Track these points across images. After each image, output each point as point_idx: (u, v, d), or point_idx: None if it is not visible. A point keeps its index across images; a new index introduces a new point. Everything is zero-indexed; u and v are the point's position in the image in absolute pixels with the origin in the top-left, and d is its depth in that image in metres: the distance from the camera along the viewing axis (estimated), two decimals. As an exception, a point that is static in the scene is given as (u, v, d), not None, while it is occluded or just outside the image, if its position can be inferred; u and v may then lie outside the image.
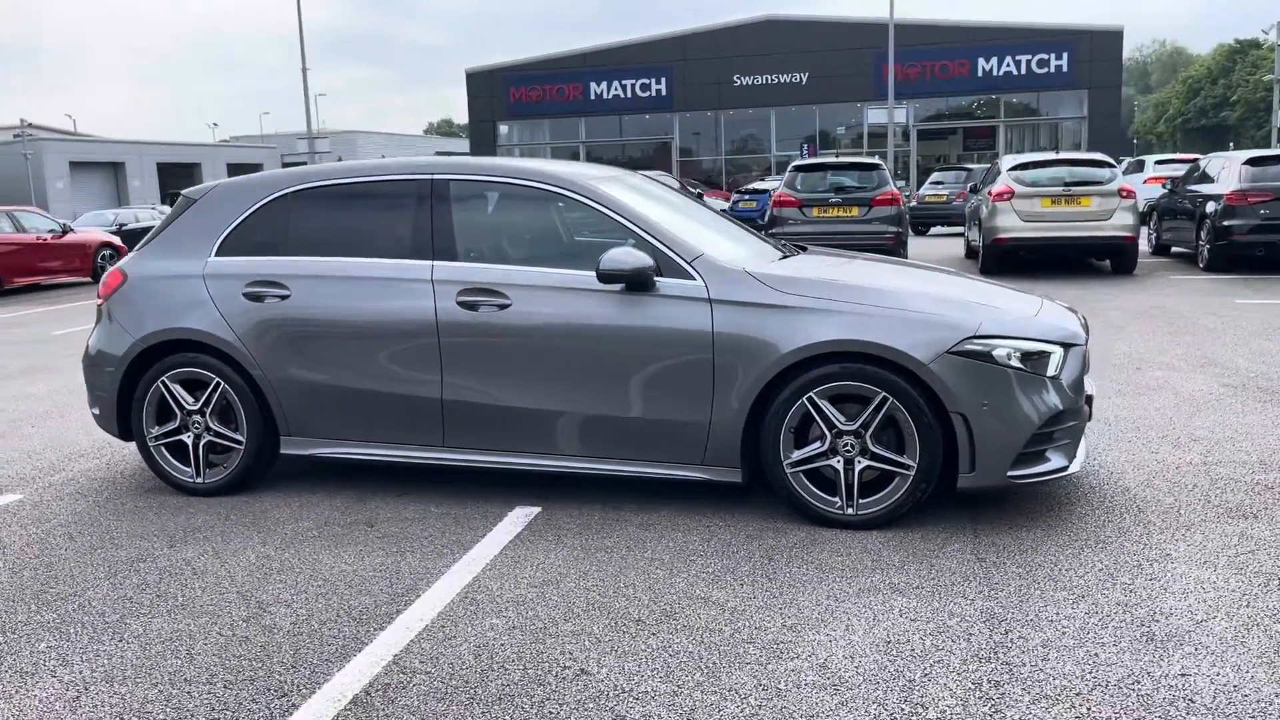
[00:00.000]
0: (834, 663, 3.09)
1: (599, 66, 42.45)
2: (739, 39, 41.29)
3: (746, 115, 42.67)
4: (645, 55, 42.16)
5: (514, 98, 43.32)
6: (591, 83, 42.54)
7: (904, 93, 39.49)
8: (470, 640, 3.29)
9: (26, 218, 18.38)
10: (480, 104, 43.95)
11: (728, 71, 41.57)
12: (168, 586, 3.81)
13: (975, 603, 3.48)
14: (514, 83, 43.22)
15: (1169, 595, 3.49)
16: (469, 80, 43.90)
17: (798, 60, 40.88)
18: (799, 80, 41.21)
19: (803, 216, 13.51)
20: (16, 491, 5.11)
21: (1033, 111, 41.69)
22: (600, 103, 42.75)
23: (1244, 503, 4.38)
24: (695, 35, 41.85)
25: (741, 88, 41.86)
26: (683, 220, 4.86)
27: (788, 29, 40.86)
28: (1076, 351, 4.28)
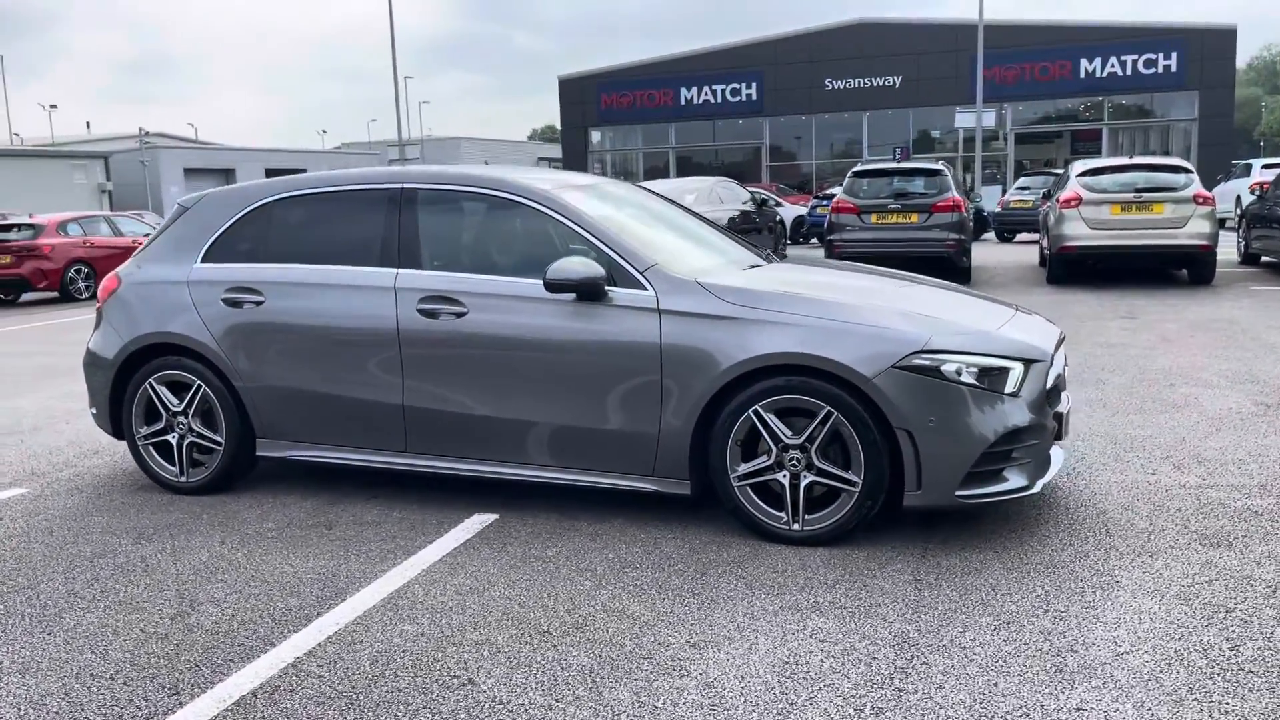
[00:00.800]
0: (722, 682, 3.04)
1: (690, 72, 42.45)
2: (831, 42, 40.81)
3: (839, 119, 42.16)
4: (736, 60, 42.00)
5: (605, 104, 43.61)
6: (682, 88, 42.57)
7: (1001, 95, 38.50)
8: (374, 646, 3.34)
9: (123, 222, 19.27)
10: (572, 110, 44.38)
11: (819, 75, 41.13)
12: (115, 582, 3.95)
13: (893, 625, 3.38)
14: (606, 89, 43.52)
15: (1099, 625, 3.34)
16: (561, 87, 44.36)
17: (891, 63, 40.21)
18: (892, 84, 40.52)
19: (861, 223, 13.29)
20: (24, 486, 5.36)
21: (1142, 113, 40.22)
22: (690, 108, 42.73)
23: (1224, 529, 4.16)
24: (787, 39, 41.52)
25: (833, 91, 41.36)
26: (649, 230, 4.84)
27: (881, 31, 40.23)
28: (1039, 368, 4.13)
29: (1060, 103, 40.75)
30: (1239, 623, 3.33)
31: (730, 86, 42.31)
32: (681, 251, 4.74)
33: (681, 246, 4.85)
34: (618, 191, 5.27)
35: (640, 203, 5.28)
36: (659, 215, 5.25)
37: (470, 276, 4.50)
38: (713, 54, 42.53)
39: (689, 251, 4.80)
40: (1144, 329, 9.41)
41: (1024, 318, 4.61)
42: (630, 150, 45.24)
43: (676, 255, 4.62)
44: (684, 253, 4.73)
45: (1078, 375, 7.32)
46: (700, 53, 42.60)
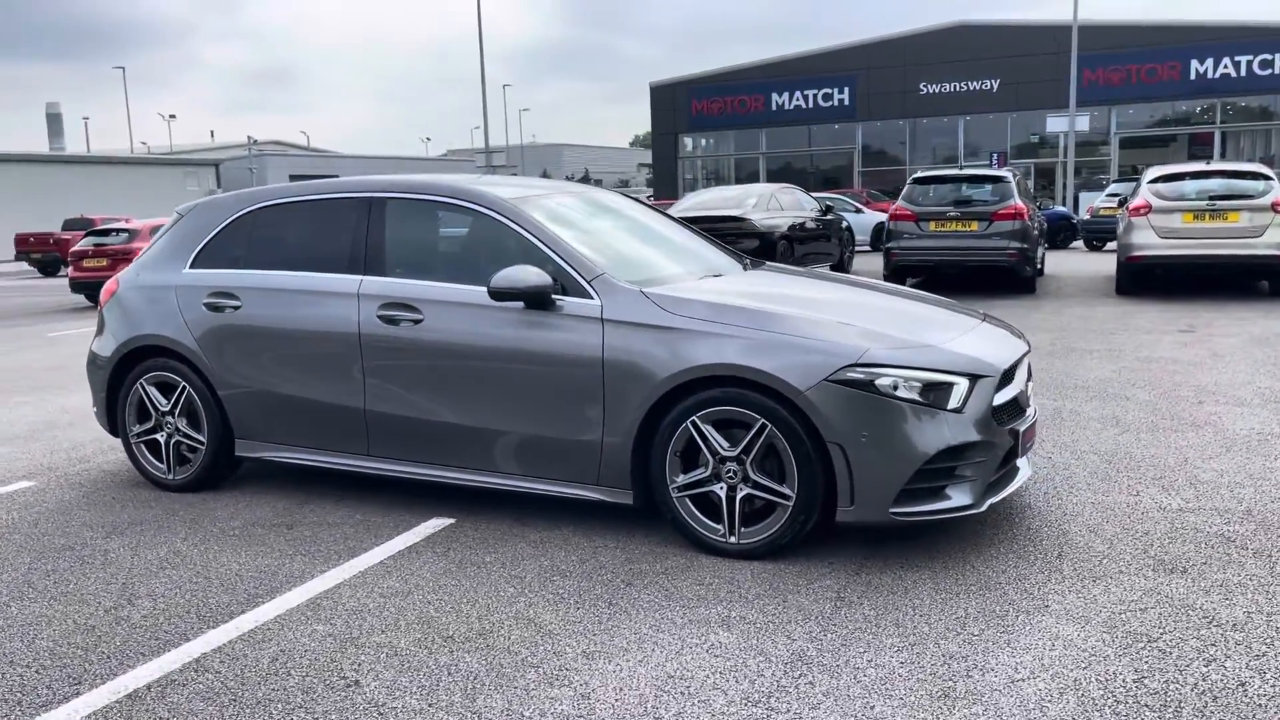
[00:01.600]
0: (598, 695, 3.03)
1: (782, 77, 42.16)
2: (927, 45, 40.07)
3: (935, 124, 41.35)
4: (829, 64, 41.55)
5: (696, 110, 43.62)
6: (773, 93, 42.30)
7: (1107, 98, 37.28)
8: (280, 645, 3.43)
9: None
10: (663, 117, 44.50)
11: (914, 79, 40.42)
12: (70, 574, 4.14)
13: (795, 643, 3.33)
14: (697, 95, 43.53)
15: (1006, 650, 3.23)
16: (653, 93, 44.53)
17: (989, 66, 39.27)
18: (990, 87, 39.57)
19: (919, 230, 13.03)
20: (35, 479, 5.64)
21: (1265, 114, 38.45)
22: (782, 113, 42.44)
23: (1186, 555, 3.98)
24: (881, 43, 40.90)
25: (929, 96, 40.59)
26: (610, 240, 4.85)
27: (978, 34, 39.33)
28: (985, 383, 4.01)
29: (1170, 105, 39.21)
30: (1157, 653, 3.18)
31: (823, 91, 41.89)
32: (641, 261, 4.74)
33: (645, 256, 4.85)
34: (599, 200, 5.30)
35: (618, 213, 5.30)
36: (636, 226, 5.26)
37: (427, 284, 4.58)
38: (805, 59, 42.18)
39: (651, 261, 4.80)
40: (1198, 343, 9.01)
41: (988, 329, 4.49)
42: (721, 156, 45.15)
43: (634, 265, 4.63)
44: (643, 262, 4.73)
45: (1104, 390, 7.07)
46: (792, 57, 42.30)
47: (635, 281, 4.36)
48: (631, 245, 4.94)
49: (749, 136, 43.81)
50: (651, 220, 5.45)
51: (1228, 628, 3.35)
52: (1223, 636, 3.29)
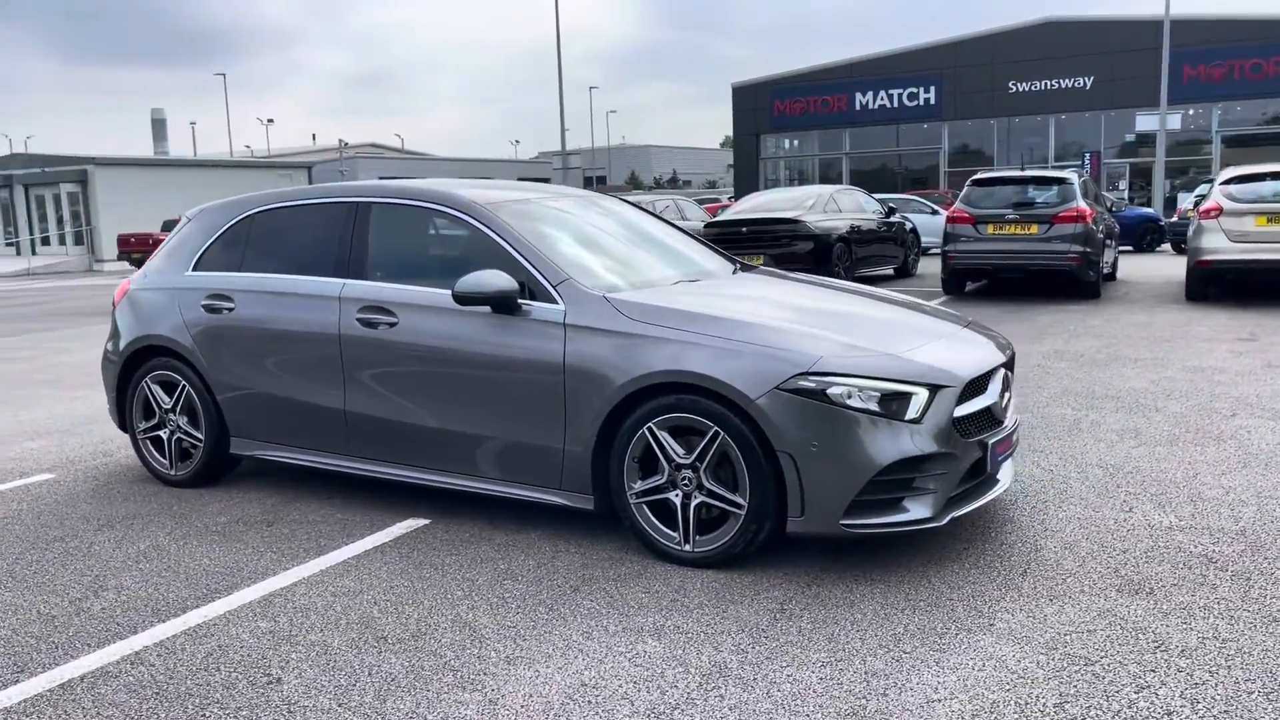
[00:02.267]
0: (506, 701, 3.04)
1: (865, 76, 41.59)
2: (1016, 43, 39.10)
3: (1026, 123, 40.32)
4: (914, 63, 40.84)
5: (778, 110, 43.29)
6: (857, 93, 41.75)
7: (1206, 94, 35.92)
8: (219, 640, 3.51)
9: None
10: (745, 118, 44.27)
11: (1003, 78, 39.48)
12: (50, 565, 4.30)
13: (721, 654, 3.29)
14: (779, 95, 43.20)
15: (933, 670, 3.15)
16: (735, 94, 44.33)
17: (1081, 63, 38.15)
18: (1082, 85, 38.44)
19: (976, 234, 12.73)
20: (54, 472, 5.89)
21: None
22: (865, 113, 41.85)
23: (1157, 575, 3.82)
24: (969, 41, 40.04)
25: (1017, 94, 39.60)
26: (583, 245, 4.85)
27: (1070, 30, 38.23)
28: (947, 394, 3.90)
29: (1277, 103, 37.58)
30: (1090, 677, 3.06)
31: (908, 91, 41.20)
32: (616, 267, 4.73)
33: (622, 261, 4.84)
34: (589, 205, 5.32)
35: (607, 218, 5.30)
36: (623, 231, 5.25)
37: (402, 287, 4.64)
38: (890, 58, 41.54)
39: (628, 267, 4.79)
40: (1255, 353, 8.62)
41: (967, 336, 4.38)
42: (804, 157, 44.74)
43: (607, 270, 4.62)
44: (618, 268, 4.72)
45: (1135, 401, 6.82)
46: (876, 57, 41.70)
47: (603, 287, 4.36)
48: (610, 250, 4.93)
49: (832, 137, 43.33)
50: (642, 226, 5.44)
51: (1175, 653, 3.21)
52: (1166, 662, 3.15)
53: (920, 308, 4.82)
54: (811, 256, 13.71)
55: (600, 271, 4.55)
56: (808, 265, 13.76)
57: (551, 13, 29.87)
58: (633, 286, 4.47)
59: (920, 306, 4.87)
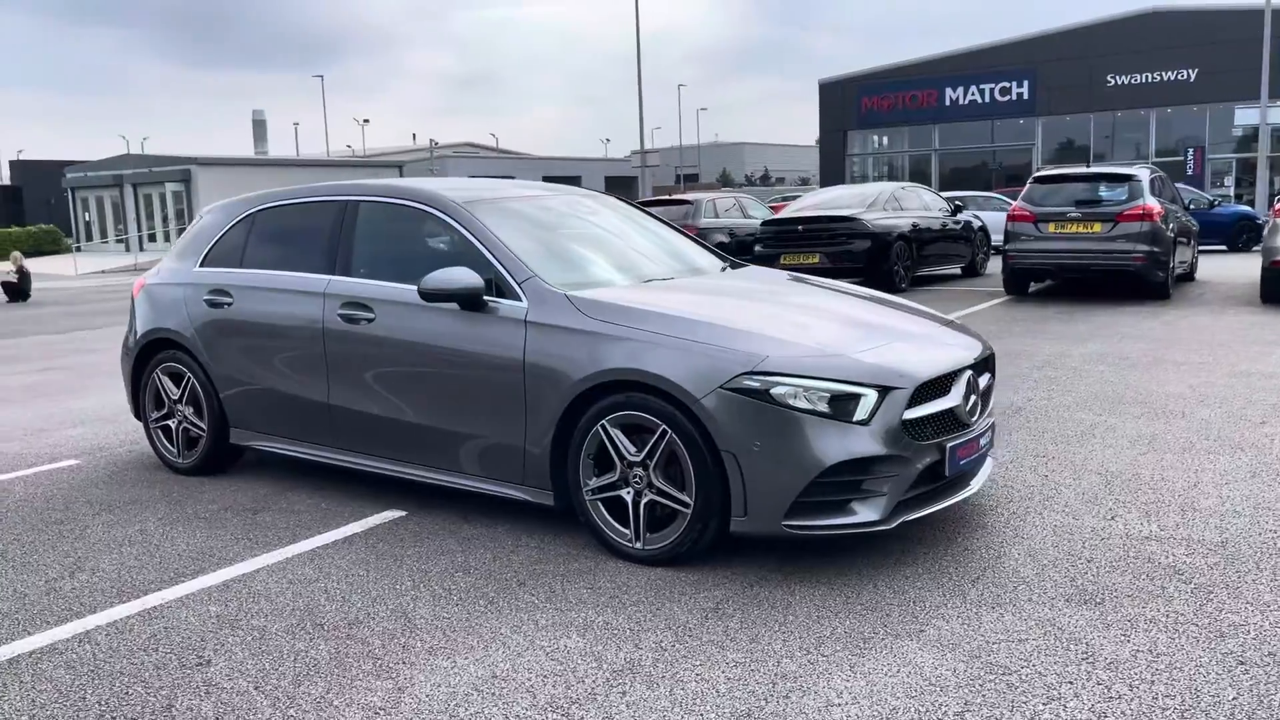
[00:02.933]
0: (415, 689, 3.10)
1: (956, 72, 40.72)
2: (1115, 34, 37.84)
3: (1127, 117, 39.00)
4: (1006, 58, 39.84)
5: (865, 107, 42.69)
6: (947, 88, 40.91)
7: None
8: (166, 623, 3.65)
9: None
10: (832, 115, 43.76)
11: (1101, 71, 38.26)
12: (41, 546, 4.52)
13: (639, 652, 3.30)
14: (866, 91, 42.59)
15: (844, 675, 3.11)
16: (821, 91, 43.86)
17: (1184, 55, 36.74)
18: (1186, 77, 37.02)
19: (1037, 232, 12.39)
20: (81, 458, 6.18)
21: None
22: (955, 109, 40.99)
23: (1114, 586, 3.71)
24: (1065, 33, 38.90)
25: (1116, 88, 38.34)
26: (555, 244, 4.90)
27: (1173, 21, 36.84)
28: (898, 395, 3.84)
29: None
30: (1003, 687, 3.00)
31: (999, 85, 40.23)
32: (588, 265, 4.76)
33: (597, 260, 4.86)
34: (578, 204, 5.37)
35: (596, 216, 5.33)
36: (610, 230, 5.28)
37: (379, 284, 4.75)
38: (981, 52, 40.63)
39: (601, 265, 4.81)
40: (1314, 357, 8.23)
41: (934, 337, 4.30)
42: (891, 154, 44.03)
43: (577, 268, 4.65)
44: (590, 266, 4.75)
45: (1164, 406, 6.58)
46: (966, 51, 40.81)
47: (567, 285, 4.39)
48: (586, 249, 4.97)
49: (921, 133, 42.55)
50: (629, 225, 5.46)
51: (1101, 665, 3.11)
52: (1088, 674, 3.06)
53: (900, 307, 4.75)
54: (868, 255, 13.52)
55: (567, 270, 4.58)
56: (865, 264, 13.58)
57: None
58: (602, 285, 4.50)
59: (900, 306, 4.80)
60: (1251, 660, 3.12)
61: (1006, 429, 6.08)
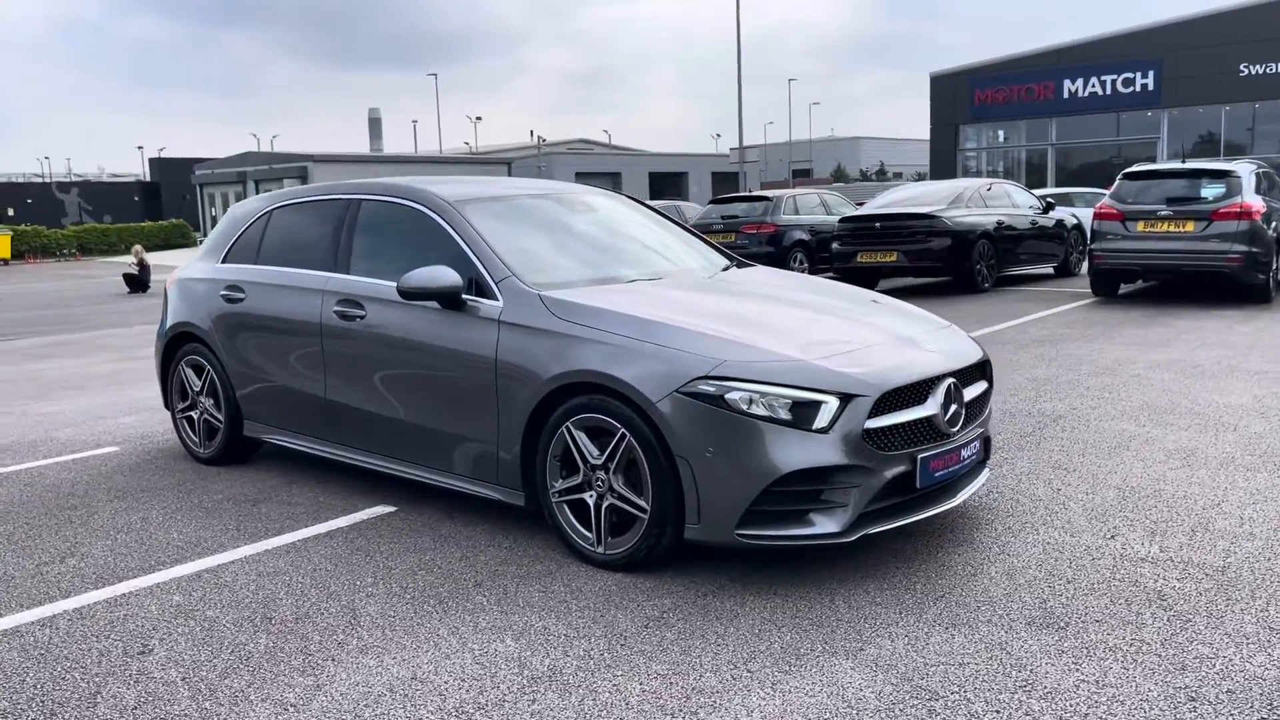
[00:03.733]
0: (330, 687, 3.11)
1: (1075, 63, 39.18)
2: (1249, 21, 35.81)
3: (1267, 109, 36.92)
4: (1130, 47, 38.12)
5: (978, 100, 41.40)
6: (1065, 80, 39.36)
7: None
8: (128, 610, 3.75)
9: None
10: (943, 108, 42.58)
11: (1232, 60, 36.27)
12: (47, 531, 4.70)
13: (566, 659, 3.25)
14: (980, 84, 41.31)
15: (763, 692, 3.01)
16: (933, 84, 42.72)
17: (1325, 43, 34.58)
18: (1327, 66, 34.83)
19: (1125, 231, 11.81)
20: (119, 445, 6.43)
21: None
22: (1074, 101, 39.41)
23: (1086, 610, 3.50)
24: (1195, 21, 37.01)
25: (1251, 78, 36.29)
26: (552, 242, 4.87)
27: (1313, 6, 34.69)
28: (861, 404, 3.70)
29: None
30: (923, 713, 2.86)
31: (1122, 77, 38.52)
32: (570, 265, 4.70)
33: (581, 260, 4.81)
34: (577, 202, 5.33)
35: (584, 214, 5.28)
36: (597, 229, 5.22)
37: (370, 281, 4.80)
38: (1102, 42, 38.98)
39: (585, 265, 4.75)
40: (1407, 367, 7.65)
41: (913, 341, 4.13)
42: (1005, 148, 42.65)
43: (558, 269, 4.61)
44: (572, 266, 4.69)
45: (1216, 418, 6.20)
46: (1087, 41, 39.23)
47: (547, 285, 4.36)
48: (572, 249, 4.92)
49: (1037, 127, 41.08)
50: (625, 224, 5.40)
51: (1037, 694, 2.94)
52: (1019, 703, 2.89)
53: (893, 311, 4.60)
54: (948, 254, 13.12)
55: (549, 270, 4.55)
56: (943, 263, 13.19)
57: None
58: (581, 284, 4.45)
59: (893, 310, 4.64)
60: (1204, 696, 2.91)
61: (1037, 439, 5.81)
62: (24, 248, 42.71)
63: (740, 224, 15.70)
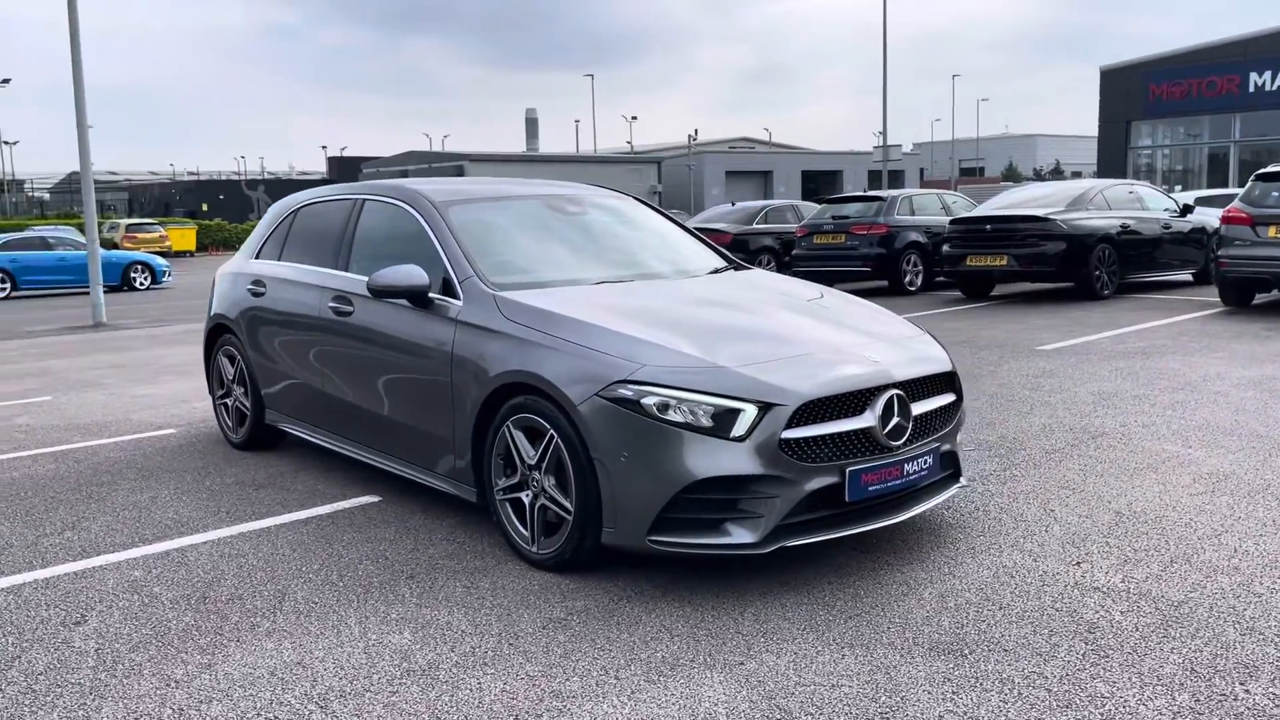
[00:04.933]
0: (221, 667, 3.23)
1: (1263, 54, 36.50)
2: None
3: None
4: (1326, 37, 35.25)
5: (1153, 95, 39.08)
6: (1252, 73, 36.70)
7: None
8: (89, 582, 4.00)
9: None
10: (1114, 104, 40.38)
11: None
12: (66, 505, 5.05)
13: (451, 654, 3.29)
14: (1154, 78, 38.98)
15: (619, 701, 2.98)
16: (1103, 78, 40.56)
17: None
18: None
19: (1255, 237, 10.97)
20: (177, 428, 6.86)
21: None
22: (1260, 95, 36.68)
23: (1008, 639, 3.32)
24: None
25: None
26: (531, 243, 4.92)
27: None
28: (779, 412, 3.61)
29: None
30: (762, 735, 2.78)
31: (1315, 69, 35.65)
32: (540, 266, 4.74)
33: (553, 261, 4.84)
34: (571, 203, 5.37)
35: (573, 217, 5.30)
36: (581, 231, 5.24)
37: (360, 278, 4.96)
38: (1293, 32, 36.16)
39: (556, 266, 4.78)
40: None
41: (867, 352, 3.99)
42: (1183, 145, 40.12)
43: (527, 270, 4.65)
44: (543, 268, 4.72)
45: (1270, 438, 5.71)
46: (1275, 31, 36.49)
47: (509, 286, 4.41)
48: (549, 250, 4.95)
49: (1219, 123, 38.46)
50: (624, 226, 5.41)
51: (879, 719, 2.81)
52: (866, 732, 2.77)
53: (861, 318, 4.45)
54: (1062, 259, 12.48)
55: (515, 271, 4.60)
56: (1057, 268, 12.57)
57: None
58: (543, 286, 4.47)
59: (864, 316, 4.49)
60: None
61: (1061, 456, 5.50)
62: (209, 240, 45.83)
63: (849, 224, 15.35)
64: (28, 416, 7.60)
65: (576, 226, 5.26)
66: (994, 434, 6.04)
